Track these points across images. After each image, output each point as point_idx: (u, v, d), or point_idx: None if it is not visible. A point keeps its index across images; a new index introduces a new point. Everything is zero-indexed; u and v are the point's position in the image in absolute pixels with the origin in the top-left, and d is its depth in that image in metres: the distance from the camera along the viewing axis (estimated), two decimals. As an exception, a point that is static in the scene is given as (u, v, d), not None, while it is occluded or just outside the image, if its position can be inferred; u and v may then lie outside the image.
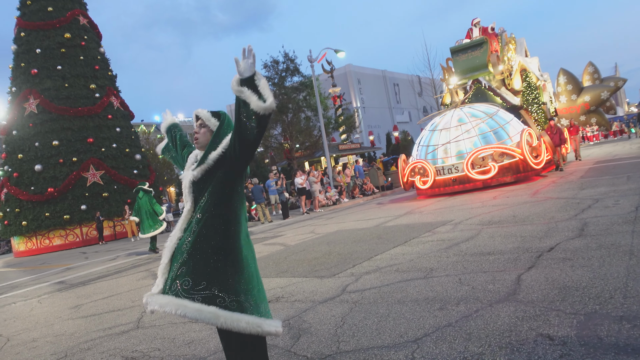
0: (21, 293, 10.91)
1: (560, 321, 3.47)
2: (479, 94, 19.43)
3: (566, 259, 5.11)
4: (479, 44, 19.63)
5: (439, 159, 16.47)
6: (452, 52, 20.55)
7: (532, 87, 19.09)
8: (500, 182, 15.18)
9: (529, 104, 18.98)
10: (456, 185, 15.84)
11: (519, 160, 15.10)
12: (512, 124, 16.07)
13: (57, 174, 27.45)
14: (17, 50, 29.99)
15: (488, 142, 15.59)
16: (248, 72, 2.73)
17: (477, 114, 16.58)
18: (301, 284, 6.26)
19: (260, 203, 19.47)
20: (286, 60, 33.85)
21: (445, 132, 16.76)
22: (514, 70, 19.69)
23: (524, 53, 21.02)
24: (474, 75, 19.74)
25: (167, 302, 2.69)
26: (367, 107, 67.61)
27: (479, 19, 20.79)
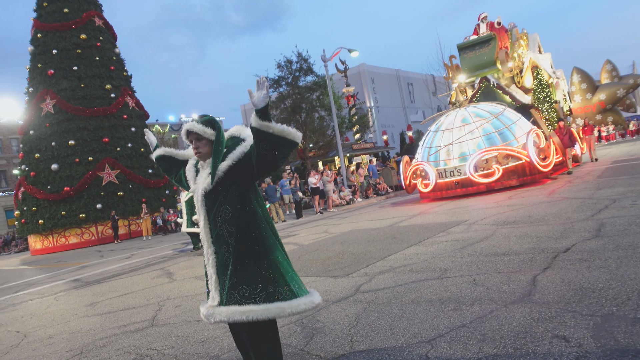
0: (38, 290, 11.04)
1: (576, 323, 3.44)
2: (487, 93, 18.86)
3: (582, 259, 5.05)
4: (486, 40, 18.89)
5: (442, 161, 15.86)
6: (459, 49, 19.86)
7: (544, 85, 18.40)
8: (505, 185, 14.54)
9: (540, 103, 18.28)
10: (459, 188, 15.15)
11: (525, 163, 14.39)
12: (519, 124, 15.38)
13: (73, 173, 27.76)
14: (34, 52, 30.38)
15: (492, 143, 14.98)
16: (262, 103, 2.89)
17: (482, 113, 15.97)
18: (315, 284, 6.26)
19: (273, 202, 19.50)
20: (300, 60, 33.89)
21: (448, 132, 16.14)
22: (525, 67, 19.00)
23: (537, 49, 20.18)
24: (482, 73, 19.10)
25: (234, 312, 2.98)
26: (380, 107, 67.48)
27: (486, 13, 19.97)
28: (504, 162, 14.47)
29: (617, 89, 36.04)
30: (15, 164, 49.82)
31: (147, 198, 29.28)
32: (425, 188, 16.04)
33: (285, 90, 34.30)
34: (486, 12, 19.81)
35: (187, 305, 6.42)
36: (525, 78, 18.90)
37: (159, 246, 18.17)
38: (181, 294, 7.30)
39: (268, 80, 34.24)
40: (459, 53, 19.85)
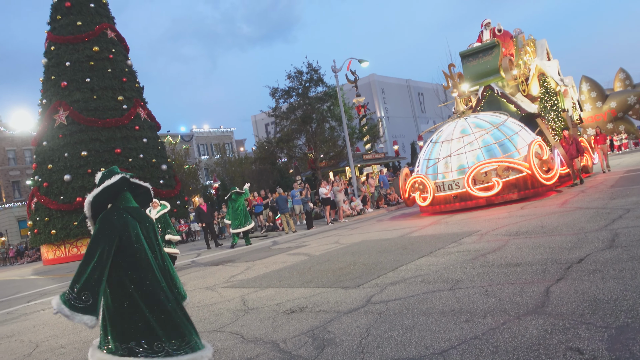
0: (50, 300, 11.08)
1: (590, 335, 3.39)
2: (491, 102, 18.18)
3: (596, 270, 4.99)
4: (490, 48, 18.23)
5: (440, 173, 15.25)
6: (462, 57, 19.16)
7: (550, 93, 17.83)
8: (505, 199, 13.87)
9: (546, 112, 17.71)
10: (457, 202, 14.50)
11: (527, 176, 13.73)
12: (521, 135, 14.76)
13: (85, 183, 27.95)
14: (48, 64, 30.75)
15: (492, 155, 14.36)
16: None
17: (482, 124, 15.36)
18: (325, 295, 6.24)
19: (284, 213, 19.50)
20: (310, 70, 34.02)
21: (446, 144, 15.53)
22: (531, 74, 18.39)
23: (545, 55, 19.68)
24: (486, 82, 18.36)
25: None
26: (391, 117, 67.48)
27: (489, 20, 19.30)
28: (504, 174, 13.84)
29: (628, 96, 35.64)
30: (29, 174, 50.29)
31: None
32: (423, 202, 15.51)
33: (296, 100, 34.43)
34: (489, 19, 19.24)
35: (198, 315, 6.42)
36: (531, 86, 18.38)
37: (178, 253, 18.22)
38: (192, 304, 7.30)
39: (279, 91, 34.41)
40: (461, 61, 19.30)
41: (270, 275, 8.70)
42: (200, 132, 73.82)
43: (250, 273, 9.52)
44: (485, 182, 13.92)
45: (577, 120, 20.10)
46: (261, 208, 23.62)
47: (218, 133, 76.36)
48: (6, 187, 55.81)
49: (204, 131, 74.52)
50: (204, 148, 73.59)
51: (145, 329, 3.35)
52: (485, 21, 19.24)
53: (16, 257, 40.40)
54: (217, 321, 5.89)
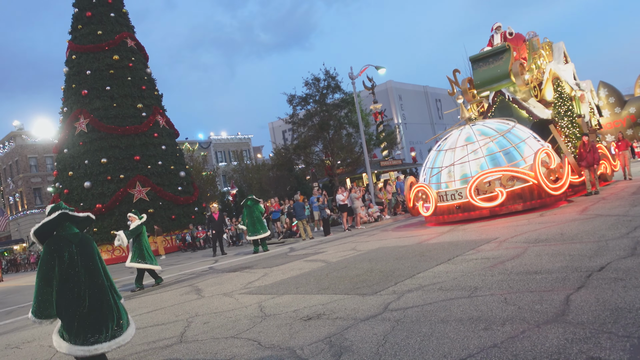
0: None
1: (612, 344, 3.34)
2: (503, 108, 17.55)
3: (618, 279, 4.91)
4: (500, 52, 17.58)
5: (443, 183, 14.81)
6: (472, 62, 18.46)
7: (565, 98, 17.02)
8: (510, 210, 13.33)
9: (560, 118, 16.98)
10: (460, 213, 14.02)
11: (533, 185, 13.14)
12: (528, 143, 14.16)
13: (105, 190, 28.33)
14: (69, 72, 31.30)
15: (497, 164, 13.82)
16: None
17: (488, 131, 14.85)
18: (342, 301, 6.22)
19: (301, 219, 19.52)
20: (327, 77, 34.08)
21: (450, 152, 15.06)
22: (545, 79, 17.66)
23: (563, 59, 18.89)
24: (496, 87, 17.69)
25: None
26: (408, 123, 67.30)
27: (500, 23, 18.58)
28: (508, 184, 13.31)
29: (648, 100, 35.04)
30: (50, 181, 51.08)
31: (177, 215, 29.67)
32: (426, 212, 15.15)
33: (313, 107, 34.50)
34: (500, 23, 18.53)
35: (215, 322, 6.44)
36: (545, 91, 17.78)
37: (188, 262, 18.33)
38: (209, 310, 7.34)
39: (296, 97, 34.53)
40: (472, 66, 18.64)
41: (287, 282, 8.71)
42: (218, 139, 74.35)
43: (268, 279, 9.54)
44: (489, 192, 13.44)
45: (596, 126, 19.38)
46: (278, 214, 23.67)
47: (236, 140, 76.84)
48: (28, 194, 56.72)
49: (221, 138, 75.05)
50: (222, 155, 74.10)
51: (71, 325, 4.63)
52: (496, 25, 18.63)
53: (37, 262, 40.92)
54: (235, 327, 5.91)
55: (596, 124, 19.55)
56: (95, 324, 4.70)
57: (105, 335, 4.72)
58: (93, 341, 4.65)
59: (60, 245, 4.69)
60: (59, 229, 4.84)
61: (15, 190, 58.86)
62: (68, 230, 4.90)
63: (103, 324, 4.75)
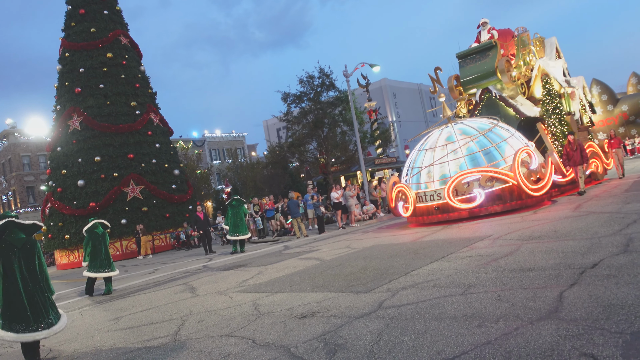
0: (63, 305, 11.18)
1: (604, 341, 3.35)
2: (490, 106, 17.21)
3: (611, 275, 4.94)
4: (487, 48, 17.18)
5: (422, 183, 14.52)
6: (459, 59, 18.07)
7: (553, 96, 16.71)
8: (489, 211, 13.03)
9: (548, 115, 16.67)
10: (439, 214, 13.71)
11: (513, 186, 12.87)
12: (510, 142, 13.85)
13: (98, 189, 28.18)
14: (62, 70, 31.09)
15: (477, 164, 13.48)
16: None
17: (469, 130, 14.46)
18: (337, 299, 6.23)
19: (296, 217, 19.50)
20: (322, 75, 34.10)
21: (430, 152, 14.77)
22: (534, 75, 17.37)
23: (555, 54, 18.55)
24: (483, 84, 17.35)
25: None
26: (402, 121, 67.42)
27: (486, 19, 18.25)
28: (487, 185, 13.03)
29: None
30: (43, 180, 50.83)
31: (171, 213, 29.57)
32: (405, 212, 14.93)
33: (307, 105, 34.50)
34: (487, 19, 18.24)
35: (209, 320, 6.43)
36: (534, 88, 17.45)
37: (182, 261, 18.30)
38: (204, 309, 7.33)
39: (290, 95, 34.51)
40: (458, 63, 18.26)
41: (281, 280, 8.71)
42: (212, 137, 74.21)
43: (262, 278, 9.54)
44: (468, 193, 13.18)
45: (588, 123, 19.12)
46: (273, 212, 23.66)
47: (230, 138, 76.71)
48: (21, 192, 56.42)
49: (216, 136, 74.90)
50: (216, 153, 73.96)
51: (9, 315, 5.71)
52: (482, 20, 18.33)
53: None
54: (229, 326, 5.91)
55: (588, 121, 19.31)
56: (35, 315, 5.79)
57: (45, 324, 5.90)
58: (34, 329, 5.74)
59: (5, 248, 5.74)
60: (7, 234, 5.81)
61: (8, 188, 58.55)
62: (14, 235, 5.85)
63: (41, 315, 5.88)
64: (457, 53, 18.24)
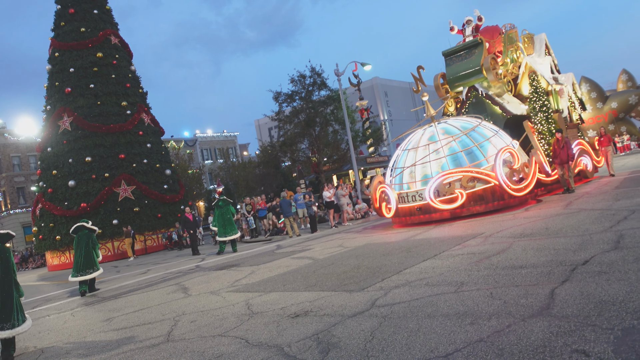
0: (55, 306, 11.12)
1: (596, 337, 3.38)
2: (477, 104, 17.02)
3: (602, 272, 4.97)
4: (473, 46, 17.02)
5: (405, 183, 14.33)
6: (445, 56, 17.91)
7: (540, 93, 16.53)
8: (472, 212, 12.89)
9: (535, 113, 16.51)
10: (421, 214, 13.55)
11: (496, 186, 12.68)
12: (493, 142, 13.59)
13: (89, 189, 28.03)
14: (52, 70, 30.90)
15: (459, 164, 13.30)
16: None
17: (451, 130, 14.25)
18: (330, 298, 6.23)
19: (288, 217, 19.48)
20: (313, 74, 34.09)
21: (412, 152, 14.57)
22: (521, 73, 17.18)
23: (544, 51, 18.34)
24: (469, 82, 17.14)
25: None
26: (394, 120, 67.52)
27: (470, 17, 18.01)
28: (468, 186, 12.83)
29: (629, 96, 35.25)
30: (33, 180, 50.52)
31: (163, 213, 29.47)
32: (388, 213, 14.80)
33: (299, 104, 34.49)
34: (471, 17, 18.04)
35: (202, 320, 6.42)
36: (522, 85, 17.28)
37: (174, 261, 18.24)
38: (196, 309, 7.31)
39: (282, 95, 34.49)
40: (445, 61, 18.05)
41: (274, 279, 8.70)
42: (203, 136, 73.97)
43: (255, 277, 9.52)
44: (449, 194, 13.01)
45: (577, 121, 18.99)
46: (265, 212, 23.63)
47: (222, 137, 76.50)
48: (11, 193, 56.00)
49: (207, 136, 74.67)
50: (208, 152, 73.73)
51: None
52: (467, 18, 18.14)
53: (21, 263, 40.51)
54: (222, 325, 5.89)
55: (577, 118, 19.17)
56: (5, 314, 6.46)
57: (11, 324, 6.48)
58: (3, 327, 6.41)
59: None
60: None
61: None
62: None
63: (11, 315, 6.51)
64: (443, 51, 18.09)
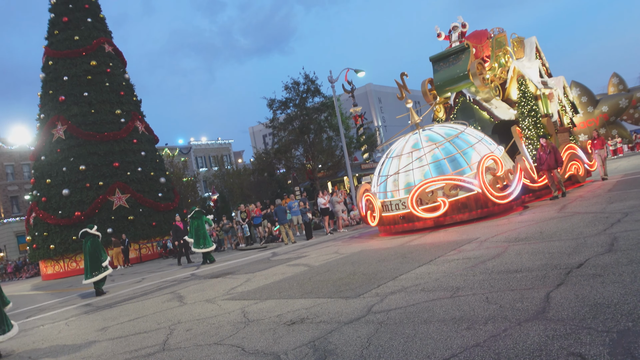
0: (49, 316, 11.04)
1: (592, 339, 3.38)
2: (464, 109, 17.00)
3: (596, 275, 4.99)
4: (460, 51, 16.96)
5: (388, 192, 14.12)
6: (433, 62, 17.85)
7: (529, 98, 16.40)
8: (455, 220, 12.75)
9: (523, 118, 16.39)
10: (405, 223, 13.41)
11: (479, 194, 12.53)
12: (477, 149, 13.38)
13: (84, 198, 27.94)
14: (46, 78, 30.84)
15: (442, 172, 13.08)
16: None
17: (435, 137, 14.08)
18: (326, 305, 6.22)
19: (283, 224, 19.45)
20: (307, 81, 34.15)
21: (396, 160, 14.41)
22: (509, 77, 17.10)
23: (535, 54, 18.21)
24: (457, 87, 17.06)
25: None
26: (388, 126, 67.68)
27: (456, 23, 17.95)
28: (451, 194, 12.68)
29: (620, 99, 35.40)
30: (27, 189, 50.26)
31: (157, 221, 29.40)
32: (372, 221, 14.73)
33: (293, 111, 34.52)
34: (457, 23, 17.98)
35: (198, 329, 6.39)
36: (510, 90, 17.16)
37: (169, 269, 18.17)
38: (192, 317, 7.28)
39: (276, 102, 34.52)
40: (432, 66, 18.00)
41: (270, 287, 8.68)
42: (198, 144, 73.90)
43: (250, 285, 9.50)
44: (432, 202, 12.83)
45: (569, 124, 18.84)
46: (260, 219, 23.59)
47: (216, 145, 76.45)
48: (4, 202, 55.70)
49: (202, 143, 74.60)
50: (202, 160, 73.63)
51: None
52: (452, 25, 18.10)
53: (14, 272, 40.27)
54: (218, 334, 5.87)
55: (569, 122, 19.01)
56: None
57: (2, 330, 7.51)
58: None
59: None
60: None
61: (-9, 199, 57.76)
62: None
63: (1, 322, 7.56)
64: (430, 57, 18.05)
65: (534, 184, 14.46)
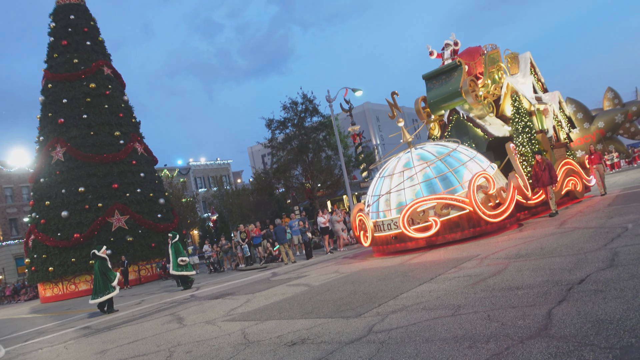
0: (47, 339, 10.94)
1: (595, 356, 3.36)
2: (459, 127, 16.86)
3: (598, 290, 4.97)
4: (452, 69, 16.85)
5: (381, 212, 13.99)
6: (426, 80, 17.75)
7: (523, 114, 16.32)
8: (447, 240, 12.53)
9: (518, 135, 16.25)
10: (397, 243, 13.26)
11: (471, 213, 12.32)
12: (469, 167, 13.23)
13: (83, 219, 27.88)
14: (45, 101, 30.98)
15: (433, 191, 12.93)
16: None
17: (427, 155, 13.96)
18: (327, 325, 6.18)
19: (283, 244, 19.39)
20: (305, 101, 34.34)
21: (388, 179, 14.25)
22: (503, 93, 16.97)
23: (529, 70, 18.15)
24: (450, 105, 16.95)
25: None
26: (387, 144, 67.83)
27: (449, 40, 17.95)
28: (443, 213, 12.50)
29: (615, 115, 35.51)
30: (26, 212, 50.14)
31: (157, 242, 29.28)
32: (365, 242, 14.58)
33: (292, 131, 34.66)
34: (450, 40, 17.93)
35: (198, 351, 6.33)
36: (504, 106, 17.11)
37: (169, 291, 18.06)
38: (192, 339, 7.22)
39: (274, 122, 34.67)
40: (425, 84, 17.88)
41: (270, 307, 8.63)
42: (197, 165, 73.95)
43: (251, 306, 9.44)
44: (423, 222, 12.62)
45: (565, 140, 18.68)
46: (259, 239, 23.52)
47: (215, 165, 76.50)
48: (3, 224, 55.55)
49: (200, 164, 74.66)
50: (201, 181, 73.60)
51: None
52: (445, 42, 18.05)
53: (13, 295, 39.99)
54: (218, 356, 5.82)
55: (565, 137, 18.94)
56: None
57: None
58: None
59: None
60: None
61: (-10, 222, 57.60)
62: None
63: None
64: (423, 74, 17.98)
65: (528, 202, 14.29)
